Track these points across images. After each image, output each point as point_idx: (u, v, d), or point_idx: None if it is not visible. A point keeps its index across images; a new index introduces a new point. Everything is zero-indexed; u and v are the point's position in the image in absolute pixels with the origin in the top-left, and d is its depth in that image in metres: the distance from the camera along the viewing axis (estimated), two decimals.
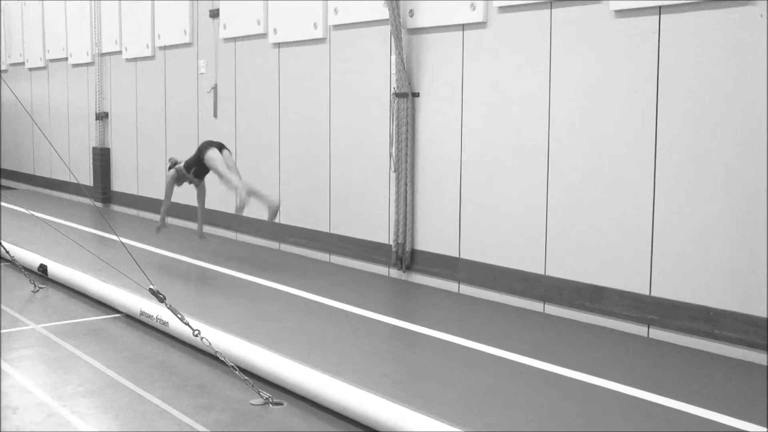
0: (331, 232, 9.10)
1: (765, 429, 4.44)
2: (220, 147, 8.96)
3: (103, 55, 13.63)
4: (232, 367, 5.19)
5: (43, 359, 5.76)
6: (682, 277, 6.00)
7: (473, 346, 5.94)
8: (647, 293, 6.20)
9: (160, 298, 5.42)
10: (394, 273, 8.29)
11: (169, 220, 12.00)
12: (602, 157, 6.49)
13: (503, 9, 7.20)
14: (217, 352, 5.32)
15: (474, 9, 7.39)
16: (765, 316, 5.54)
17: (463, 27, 7.54)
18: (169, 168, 9.52)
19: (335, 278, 8.34)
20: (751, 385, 5.20)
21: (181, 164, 9.33)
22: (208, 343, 5.37)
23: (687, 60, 5.92)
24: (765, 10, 5.48)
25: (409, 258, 8.08)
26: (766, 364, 5.52)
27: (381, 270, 8.46)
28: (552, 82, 6.81)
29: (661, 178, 6.10)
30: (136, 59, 12.74)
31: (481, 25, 7.39)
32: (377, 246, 8.49)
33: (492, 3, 7.26)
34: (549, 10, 6.81)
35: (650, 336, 6.20)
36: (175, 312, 5.40)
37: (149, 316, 6.43)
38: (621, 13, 6.31)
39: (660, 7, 6.05)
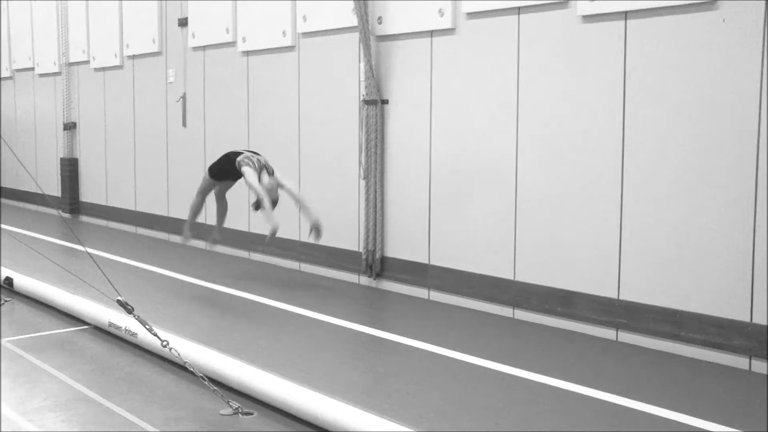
0: (301, 240, 9.07)
1: (729, 429, 4.47)
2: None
3: (70, 64, 13.53)
4: (201, 377, 5.15)
5: (7, 373, 5.67)
6: (648, 281, 6.05)
7: (443, 352, 5.94)
8: (615, 297, 6.24)
9: (128, 309, 5.36)
10: (365, 280, 8.28)
11: (144, 230, 11.94)
12: (570, 163, 6.52)
13: (471, 15, 7.22)
14: (186, 362, 5.28)
15: (442, 15, 7.41)
16: (727, 317, 5.59)
17: (432, 33, 7.55)
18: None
19: (305, 286, 8.31)
20: (714, 386, 5.24)
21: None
22: (176, 354, 5.32)
23: (653, 64, 5.97)
24: (726, 15, 5.54)
25: (379, 265, 8.07)
26: (729, 364, 5.57)
27: (351, 277, 8.45)
28: (520, 87, 6.84)
29: (628, 182, 6.14)
30: (104, 69, 12.66)
31: (449, 31, 7.41)
32: (347, 253, 8.47)
33: (460, 9, 7.29)
34: (517, 16, 6.84)
35: (619, 339, 6.23)
36: (143, 323, 5.35)
37: (118, 328, 6.37)
38: (588, 18, 6.34)
39: (626, 12, 6.10)
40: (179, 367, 5.55)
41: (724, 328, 5.61)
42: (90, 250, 6.68)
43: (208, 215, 9.46)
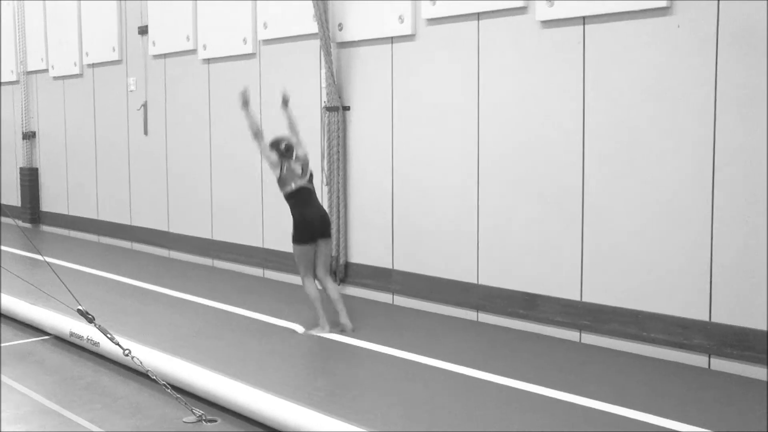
0: (265, 247, 9.04)
1: (693, 428, 4.52)
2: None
3: (29, 73, 13.38)
4: (164, 385, 5.12)
5: None
6: (611, 283, 6.10)
7: (407, 356, 5.95)
8: (578, 299, 6.28)
9: (89, 318, 5.31)
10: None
11: (106, 239, 11.82)
12: (531, 166, 6.56)
13: (431, 21, 7.25)
14: (148, 370, 5.25)
15: (402, 21, 7.43)
16: (688, 316, 5.66)
17: (392, 40, 7.58)
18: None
19: (269, 293, 8.28)
20: (676, 385, 5.29)
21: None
22: (139, 362, 5.29)
23: (611, 67, 6.04)
24: (681, 21, 5.63)
25: (343, 271, 8.07)
26: (689, 363, 5.64)
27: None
28: (481, 92, 6.88)
29: (589, 185, 6.20)
30: (63, 77, 12.54)
31: (409, 37, 7.44)
32: None
33: (420, 15, 7.32)
34: (476, 21, 6.88)
35: (582, 341, 6.27)
36: (104, 332, 5.31)
37: (79, 337, 6.32)
38: (547, 23, 6.40)
39: (584, 17, 6.16)
40: (142, 376, 5.52)
41: (685, 328, 5.67)
42: (50, 260, 6.61)
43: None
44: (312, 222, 6.60)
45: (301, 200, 6.62)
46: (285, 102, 7.01)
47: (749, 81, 5.33)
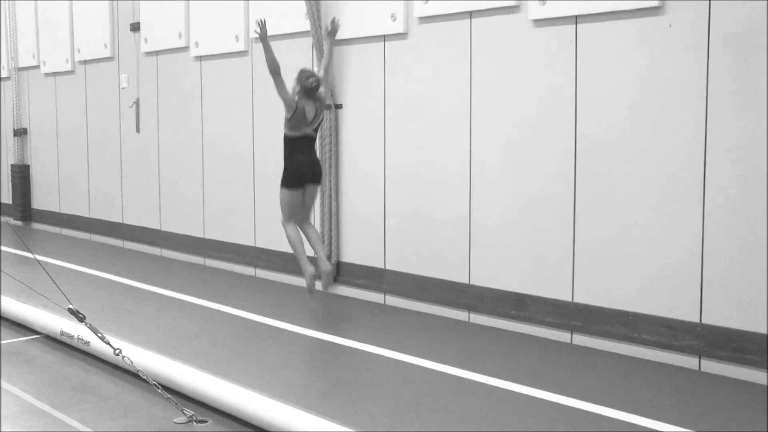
0: (257, 245, 9.03)
1: (682, 430, 4.53)
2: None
3: (20, 69, 13.33)
4: (155, 385, 5.10)
5: None
6: (602, 284, 6.10)
7: (399, 357, 5.94)
8: (569, 300, 6.28)
9: (80, 317, 5.30)
10: (320, 285, 8.25)
11: (98, 237, 11.79)
12: (524, 166, 6.56)
13: (424, 20, 7.24)
14: (139, 370, 5.23)
15: (395, 20, 7.42)
16: (678, 318, 5.66)
17: (384, 38, 7.56)
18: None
19: (261, 292, 8.27)
20: (666, 386, 5.30)
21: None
22: (129, 362, 5.27)
23: (603, 66, 6.04)
24: (672, 20, 5.63)
25: (335, 270, 8.05)
26: (680, 364, 5.65)
27: None
28: (473, 91, 6.87)
29: (580, 185, 6.20)
30: (55, 74, 12.50)
31: (402, 35, 7.43)
32: None
33: (413, 14, 7.31)
34: (469, 20, 6.87)
35: (573, 342, 6.28)
36: (95, 331, 5.29)
37: (70, 336, 6.29)
38: (539, 22, 6.39)
39: (576, 16, 6.15)
40: (132, 376, 5.49)
41: (675, 329, 5.68)
42: (40, 258, 6.58)
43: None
44: (303, 167, 6.54)
45: (299, 147, 6.56)
46: (334, 31, 6.79)
47: (741, 80, 5.34)
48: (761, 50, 5.24)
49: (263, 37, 6.35)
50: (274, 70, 6.47)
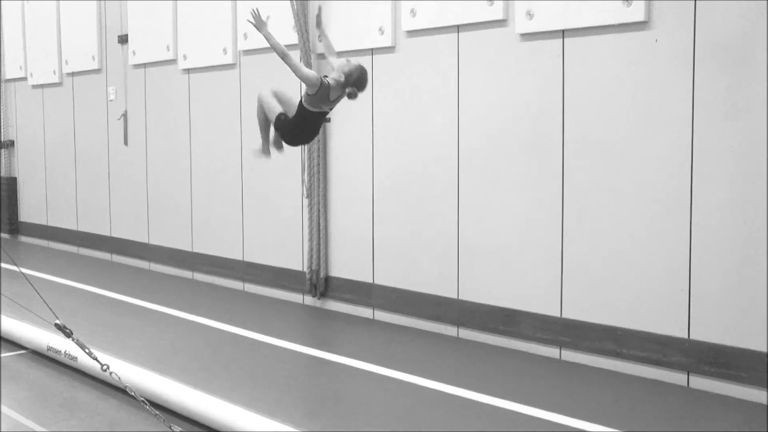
0: (245, 259, 9.00)
1: None
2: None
3: (7, 81, 13.28)
4: (143, 401, 5.06)
5: None
6: (590, 299, 6.10)
7: (388, 373, 5.92)
8: (558, 315, 6.28)
9: (67, 332, 5.24)
10: (309, 300, 8.24)
11: (86, 250, 11.74)
12: (511, 180, 6.57)
13: (411, 33, 7.25)
14: (126, 386, 5.19)
15: (383, 33, 7.43)
16: (666, 333, 5.68)
17: (372, 51, 7.57)
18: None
19: (249, 307, 8.24)
20: (655, 402, 5.30)
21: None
22: (117, 378, 5.22)
23: (590, 81, 6.05)
24: (658, 36, 5.66)
25: (323, 285, 8.04)
26: (668, 380, 5.65)
27: (295, 297, 8.40)
28: (460, 105, 6.88)
29: (568, 200, 6.20)
30: (42, 86, 12.45)
31: (390, 49, 7.43)
32: (291, 273, 8.42)
33: (400, 27, 7.32)
34: (456, 34, 6.89)
35: (562, 358, 6.27)
36: (82, 346, 5.24)
37: (57, 352, 6.26)
38: (526, 36, 6.41)
39: (563, 30, 6.17)
40: (120, 392, 5.46)
41: (664, 345, 5.68)
42: (27, 272, 6.54)
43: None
44: (304, 132, 5.93)
45: (310, 119, 5.92)
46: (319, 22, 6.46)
47: (727, 94, 5.36)
48: (746, 64, 5.27)
49: (259, 26, 6.10)
50: (283, 54, 6.18)
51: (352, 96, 5.75)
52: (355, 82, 5.78)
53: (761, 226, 5.25)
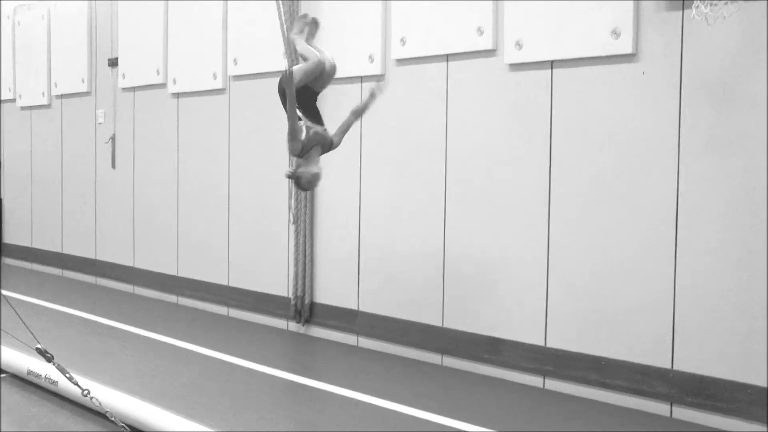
0: (230, 285, 8.97)
1: None
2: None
3: None
4: (123, 426, 5.02)
5: None
6: (575, 329, 6.10)
7: (372, 401, 5.90)
8: (542, 344, 6.28)
9: (48, 357, 5.20)
10: (293, 326, 8.21)
11: (70, 273, 11.68)
12: (498, 210, 6.58)
13: (401, 62, 7.28)
14: (107, 411, 5.14)
15: (372, 61, 7.46)
16: (650, 363, 5.68)
17: (362, 79, 7.59)
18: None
19: (233, 332, 8.20)
20: None
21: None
22: (98, 403, 5.18)
23: (578, 111, 6.09)
24: (646, 68, 5.70)
25: (308, 311, 8.01)
26: (651, 411, 5.64)
27: (280, 323, 8.36)
28: (449, 133, 6.90)
29: (555, 229, 6.22)
30: (31, 107, 12.44)
31: (379, 77, 7.45)
32: (276, 299, 8.40)
33: (390, 55, 7.35)
34: (446, 63, 6.92)
35: (546, 387, 6.26)
36: (63, 371, 5.20)
37: (37, 376, 6.20)
38: (515, 66, 6.45)
39: (552, 62, 6.21)
40: (101, 416, 5.41)
41: (647, 375, 5.68)
42: (9, 294, 6.50)
43: None
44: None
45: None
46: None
47: (715, 127, 5.39)
48: (733, 97, 5.31)
49: (288, 88, 5.22)
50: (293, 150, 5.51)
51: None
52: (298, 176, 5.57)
53: (746, 258, 5.27)
